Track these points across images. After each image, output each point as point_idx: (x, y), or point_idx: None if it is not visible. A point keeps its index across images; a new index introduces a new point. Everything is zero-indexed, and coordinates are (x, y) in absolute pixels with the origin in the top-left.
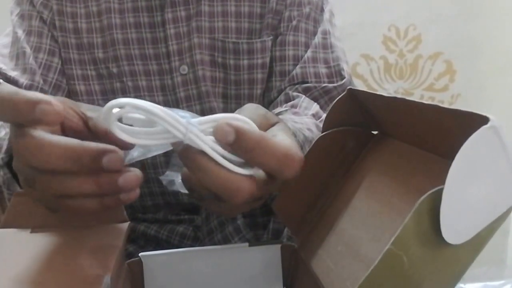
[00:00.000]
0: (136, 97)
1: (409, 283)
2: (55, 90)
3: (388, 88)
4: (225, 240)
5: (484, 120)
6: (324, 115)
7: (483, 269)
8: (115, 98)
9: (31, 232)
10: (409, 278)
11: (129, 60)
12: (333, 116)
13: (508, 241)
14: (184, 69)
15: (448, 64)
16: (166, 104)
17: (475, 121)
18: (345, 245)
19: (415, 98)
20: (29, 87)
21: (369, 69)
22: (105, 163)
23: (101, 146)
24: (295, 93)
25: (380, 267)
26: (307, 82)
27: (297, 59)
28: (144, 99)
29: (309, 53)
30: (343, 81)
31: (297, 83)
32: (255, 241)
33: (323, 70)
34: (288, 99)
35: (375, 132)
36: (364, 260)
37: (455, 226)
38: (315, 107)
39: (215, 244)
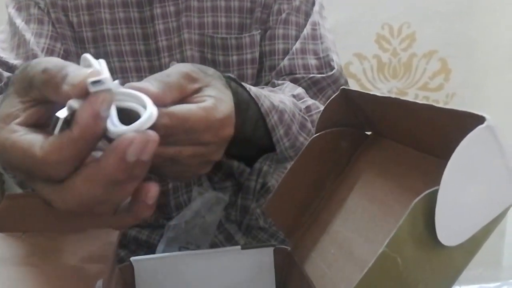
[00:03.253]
0: None
1: (404, 286)
2: None
3: (381, 88)
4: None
5: (479, 119)
6: (309, 101)
7: (479, 270)
8: None
9: (22, 236)
10: (403, 280)
11: (120, 56)
12: (327, 116)
13: (505, 243)
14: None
15: (443, 63)
16: None
17: (471, 121)
18: (339, 248)
19: (409, 97)
20: None
21: (362, 68)
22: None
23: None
24: (280, 81)
25: (374, 270)
26: (295, 74)
27: (287, 53)
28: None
29: (297, 45)
30: (333, 71)
31: (285, 75)
32: (235, 230)
33: (312, 61)
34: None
35: (369, 133)
36: (358, 263)
37: (451, 228)
38: (298, 90)
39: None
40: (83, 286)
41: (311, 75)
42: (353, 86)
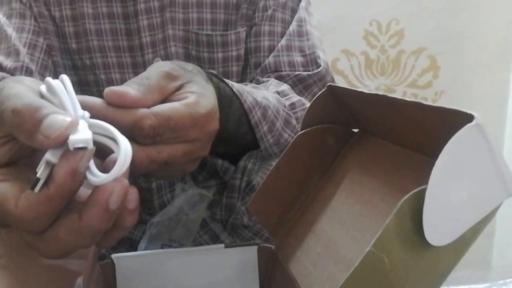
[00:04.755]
0: None
1: (391, 286)
2: (42, 69)
3: (369, 85)
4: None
5: (468, 118)
6: (294, 97)
7: (467, 271)
8: (90, 90)
9: (2, 233)
10: (390, 280)
11: (102, 51)
12: (313, 113)
13: (494, 243)
14: (158, 61)
15: (431, 60)
16: None
17: (459, 119)
18: (325, 247)
19: (397, 95)
20: (14, 70)
21: (349, 65)
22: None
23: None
24: (265, 79)
25: (360, 269)
26: (281, 71)
27: (272, 50)
28: None
29: (283, 42)
30: (319, 69)
31: (270, 72)
32: (220, 228)
33: (298, 58)
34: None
35: (355, 130)
36: (344, 262)
37: (438, 228)
38: (283, 87)
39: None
40: (63, 284)
41: (297, 73)
42: (340, 83)
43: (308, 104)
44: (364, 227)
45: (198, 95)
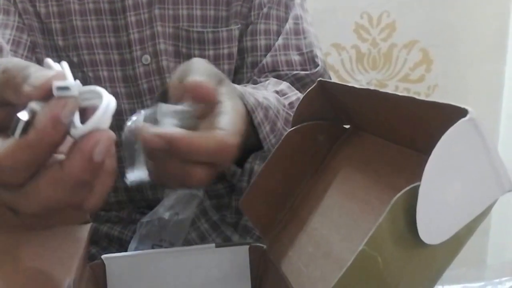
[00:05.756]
0: None
1: (384, 285)
2: None
3: (360, 80)
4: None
5: (462, 112)
6: (292, 96)
7: (462, 270)
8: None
9: None
10: (384, 279)
11: (89, 49)
12: (303, 109)
13: (489, 241)
14: (147, 59)
15: (424, 53)
16: (128, 96)
17: (453, 114)
18: (317, 246)
19: (389, 89)
20: None
21: (340, 59)
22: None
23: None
24: (263, 79)
25: (353, 269)
26: (278, 71)
27: (269, 49)
28: (106, 90)
29: (280, 41)
30: (317, 69)
31: (267, 72)
32: (220, 225)
33: (295, 57)
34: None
35: (347, 126)
36: (336, 261)
37: (432, 225)
38: (281, 86)
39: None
40: (53, 285)
41: (295, 72)
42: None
43: None
44: (357, 226)
45: (232, 126)
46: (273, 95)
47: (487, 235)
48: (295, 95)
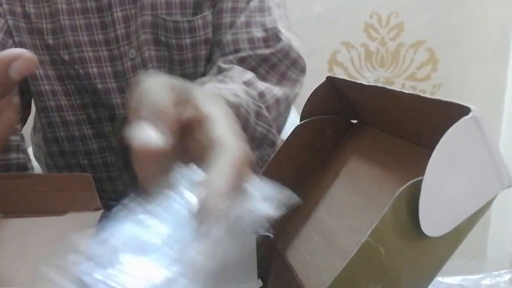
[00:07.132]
0: (88, 84)
1: (387, 275)
2: None
3: (368, 77)
4: None
5: (465, 110)
6: (261, 86)
7: (462, 262)
8: (73, 83)
9: (3, 218)
10: (386, 270)
11: (78, 46)
12: (312, 104)
13: (489, 234)
14: (132, 53)
15: (430, 53)
16: (120, 90)
17: (456, 112)
18: (322, 236)
19: (396, 87)
20: None
21: (349, 57)
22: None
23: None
24: (227, 65)
25: (357, 259)
26: (240, 51)
27: (233, 26)
28: (97, 86)
29: (242, 18)
30: (280, 44)
31: (230, 53)
32: None
33: (258, 34)
34: (220, 73)
35: (354, 121)
36: (341, 252)
37: (434, 218)
38: (248, 75)
39: None
40: None
41: (259, 52)
42: (340, 74)
43: (276, 90)
44: (361, 217)
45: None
46: (242, 87)
47: (487, 229)
48: (263, 84)
